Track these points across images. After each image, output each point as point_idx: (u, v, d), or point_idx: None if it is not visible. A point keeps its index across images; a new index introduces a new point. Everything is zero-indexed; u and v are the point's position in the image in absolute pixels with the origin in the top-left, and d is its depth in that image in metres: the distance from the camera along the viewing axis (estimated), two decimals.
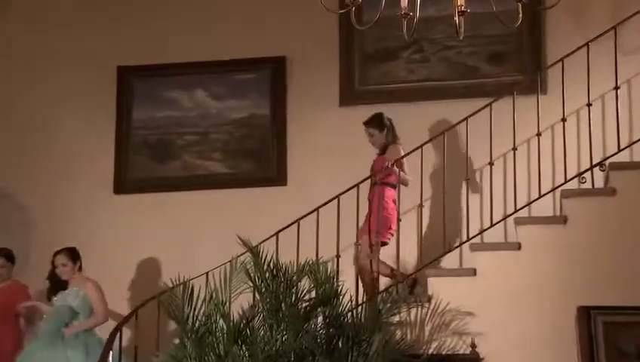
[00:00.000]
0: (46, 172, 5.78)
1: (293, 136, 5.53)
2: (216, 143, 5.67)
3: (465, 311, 4.42)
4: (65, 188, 5.74)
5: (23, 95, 5.84)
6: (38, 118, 5.83)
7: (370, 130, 4.80)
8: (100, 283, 5.41)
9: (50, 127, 5.82)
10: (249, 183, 5.54)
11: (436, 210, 5.00)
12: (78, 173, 5.75)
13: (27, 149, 5.80)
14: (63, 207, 5.71)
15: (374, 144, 4.80)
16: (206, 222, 5.51)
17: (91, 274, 5.49)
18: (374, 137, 4.75)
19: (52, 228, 5.66)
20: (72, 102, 5.79)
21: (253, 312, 3.97)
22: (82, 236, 5.62)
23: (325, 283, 4.03)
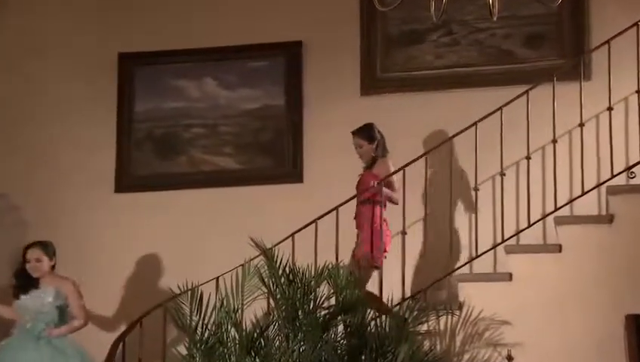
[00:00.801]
0: (41, 169, 5.82)
1: (310, 129, 5.54)
2: (226, 137, 5.69)
3: (500, 319, 4.43)
4: (61, 187, 5.78)
5: (14, 85, 5.88)
6: (32, 110, 5.88)
7: (358, 141, 4.80)
8: (100, 290, 5.46)
9: (45, 120, 5.86)
10: (262, 180, 5.55)
11: (460, 210, 4.99)
12: (75, 169, 5.79)
13: (20, 144, 5.85)
14: (60, 207, 5.76)
15: (362, 156, 4.82)
16: (215, 223, 5.54)
17: (91, 279, 5.54)
18: (362, 149, 4.76)
19: (48, 230, 5.65)
20: (68, 93, 5.84)
21: (267, 321, 3.98)
22: (80, 238, 5.69)
23: (346, 288, 4.03)
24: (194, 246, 5.50)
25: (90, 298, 5.49)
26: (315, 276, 4.01)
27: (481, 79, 5.32)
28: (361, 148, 4.79)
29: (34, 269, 4.67)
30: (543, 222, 4.81)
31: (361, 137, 4.78)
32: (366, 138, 4.78)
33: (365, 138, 4.78)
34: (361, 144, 4.78)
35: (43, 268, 4.66)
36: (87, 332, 5.37)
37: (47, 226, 5.70)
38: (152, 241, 5.59)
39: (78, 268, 5.61)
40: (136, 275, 5.61)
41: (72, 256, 5.64)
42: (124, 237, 5.66)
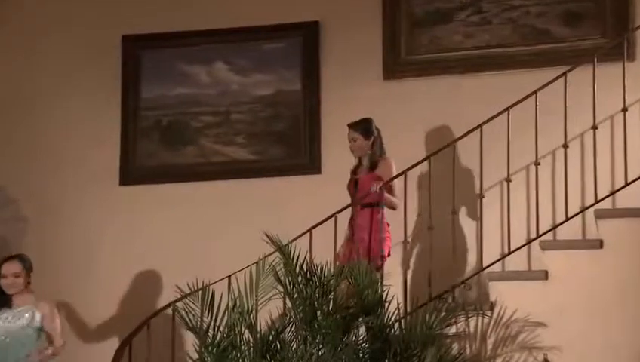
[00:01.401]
0: (40, 160, 5.84)
1: (328, 116, 5.53)
2: (239, 125, 5.69)
3: (535, 321, 4.41)
4: (62, 179, 5.80)
5: (11, 72, 5.90)
6: (30, 97, 5.90)
7: (354, 134, 4.79)
8: (104, 289, 5.50)
9: (44, 108, 5.88)
10: (277, 171, 5.55)
11: (491, 203, 4.97)
12: (76, 161, 5.81)
13: (18, 134, 5.87)
14: (60, 201, 5.78)
15: (354, 151, 4.81)
16: (227, 218, 5.54)
17: (93, 277, 5.60)
18: (356, 143, 4.75)
19: (47, 226, 5.75)
20: (69, 79, 5.85)
21: (283, 322, 4.01)
22: (82, 234, 5.72)
23: (368, 288, 4.05)
24: (204, 243, 5.51)
25: (93, 299, 5.56)
26: (334, 274, 4.04)
27: (514, 61, 5.28)
28: (354, 143, 4.79)
29: (10, 285, 4.48)
30: (581, 216, 4.78)
31: (358, 130, 4.78)
32: (362, 132, 4.77)
33: (362, 132, 4.77)
34: (355, 138, 4.78)
35: (20, 284, 4.50)
36: (93, 332, 5.43)
37: (47, 222, 5.75)
38: (160, 238, 5.60)
39: (79, 267, 5.69)
40: (143, 274, 5.61)
41: (73, 254, 5.71)
42: (130, 233, 5.67)
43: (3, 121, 5.85)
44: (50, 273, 5.65)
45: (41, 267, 5.59)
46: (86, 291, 5.63)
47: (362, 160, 4.82)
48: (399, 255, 4.74)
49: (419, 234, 4.87)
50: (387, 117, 5.39)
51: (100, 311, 5.58)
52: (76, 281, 5.66)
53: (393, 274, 4.58)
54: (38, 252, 5.66)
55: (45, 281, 5.60)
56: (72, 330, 5.46)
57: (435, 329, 3.97)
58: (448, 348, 4.08)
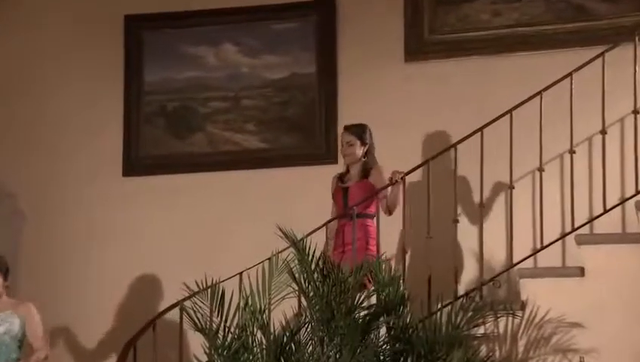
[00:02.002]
0: (38, 150, 5.86)
1: (345, 101, 5.53)
2: (249, 111, 5.69)
3: (570, 321, 4.40)
4: (61, 170, 5.82)
5: (6, 55, 5.91)
6: (26, 82, 5.91)
7: (350, 138, 4.82)
8: (107, 288, 5.52)
9: (41, 93, 5.89)
10: (291, 161, 5.55)
11: (521, 193, 4.93)
12: (77, 151, 5.82)
13: (14, 123, 5.89)
14: (59, 194, 5.80)
15: (347, 156, 4.82)
16: (237, 211, 5.55)
17: (96, 274, 5.61)
18: (352, 148, 4.79)
19: (45, 221, 5.78)
20: (67, 62, 5.86)
21: (298, 323, 4.01)
22: (83, 229, 5.74)
23: (389, 286, 4.05)
24: (213, 238, 5.52)
25: (94, 298, 5.59)
26: (353, 271, 4.03)
27: (548, 40, 5.24)
28: (349, 147, 4.81)
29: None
30: (621, 208, 4.75)
31: (355, 134, 4.81)
32: (359, 137, 4.80)
33: (359, 137, 4.80)
34: (352, 142, 4.80)
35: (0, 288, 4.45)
36: (94, 334, 5.46)
37: (46, 216, 5.77)
38: (166, 232, 5.62)
39: (80, 264, 5.71)
40: (148, 271, 5.63)
41: (74, 249, 5.73)
42: (133, 227, 5.68)
43: (0, 111, 5.87)
44: (49, 271, 5.70)
45: (39, 264, 5.64)
46: (87, 290, 5.65)
47: (351, 167, 4.84)
48: (420, 252, 4.72)
49: (443, 227, 4.85)
50: (409, 101, 5.41)
51: (101, 310, 5.60)
52: (76, 279, 5.68)
53: (415, 269, 4.59)
54: (35, 248, 5.72)
55: (43, 280, 5.65)
56: (71, 351, 5.52)
57: (462, 330, 3.95)
58: (476, 350, 4.08)
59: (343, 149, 4.83)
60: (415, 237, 4.84)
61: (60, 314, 5.60)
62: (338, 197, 4.81)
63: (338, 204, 4.80)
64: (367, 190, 4.74)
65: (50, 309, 5.56)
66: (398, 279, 4.10)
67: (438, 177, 4.89)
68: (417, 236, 4.82)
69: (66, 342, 5.59)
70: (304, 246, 4.07)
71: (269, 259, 4.12)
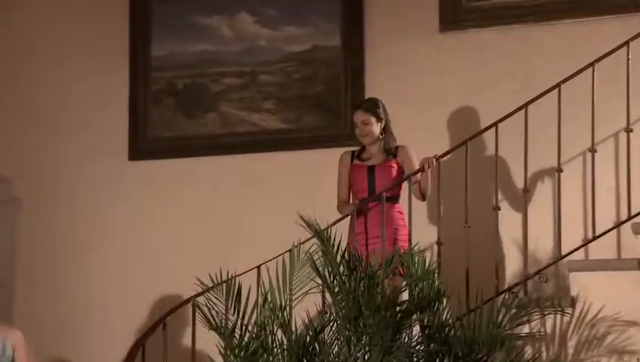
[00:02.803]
0: (35, 132, 5.89)
1: (373, 77, 5.51)
2: (268, 88, 5.69)
3: (626, 319, 4.36)
4: (60, 154, 5.85)
5: (2, 21, 5.92)
6: (23, 57, 5.93)
7: (365, 116, 4.78)
8: (111, 283, 5.53)
9: (40, 70, 5.91)
10: (313, 143, 5.55)
11: (570, 178, 4.89)
12: (78, 132, 5.85)
13: (9, 101, 5.91)
14: (58, 180, 5.83)
15: (365, 136, 4.78)
16: (255, 197, 5.56)
17: (99, 269, 5.62)
18: (369, 127, 4.75)
19: (43, 210, 5.82)
20: (68, 37, 5.88)
21: (323, 320, 4.00)
22: (85, 218, 5.77)
23: (423, 280, 4.04)
24: (229, 228, 5.54)
25: (96, 293, 5.62)
26: (383, 264, 4.02)
27: (600, 5, 5.17)
28: (365, 126, 4.77)
29: None
30: None
31: (370, 111, 4.78)
32: (374, 114, 4.77)
33: (374, 114, 4.77)
34: (367, 120, 4.76)
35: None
36: (98, 333, 5.48)
37: (43, 204, 5.81)
38: (176, 222, 5.64)
39: (81, 256, 5.76)
40: (157, 264, 5.65)
41: (75, 240, 5.77)
42: (140, 216, 5.71)
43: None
44: (47, 263, 5.75)
45: (36, 257, 5.67)
46: (88, 285, 5.70)
47: (369, 147, 4.80)
48: (457, 242, 4.70)
49: (482, 215, 4.84)
50: (444, 76, 5.39)
51: (105, 307, 5.64)
52: (77, 273, 5.72)
53: (451, 262, 4.56)
54: (31, 239, 5.75)
55: (41, 273, 5.68)
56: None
57: (504, 329, 3.91)
58: (520, 351, 4.04)
59: (359, 131, 4.81)
60: (451, 226, 4.83)
61: (60, 311, 5.65)
62: (359, 177, 4.77)
63: (360, 184, 4.77)
64: (397, 172, 4.72)
65: (49, 307, 5.63)
66: (432, 272, 4.08)
67: (477, 160, 4.86)
68: (454, 225, 4.80)
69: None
70: (328, 237, 4.05)
71: (289, 251, 4.12)
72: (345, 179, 4.81)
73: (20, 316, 5.68)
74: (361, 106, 4.84)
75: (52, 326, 5.65)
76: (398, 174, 4.73)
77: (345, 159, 4.85)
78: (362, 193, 4.74)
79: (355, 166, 4.80)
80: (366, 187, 4.73)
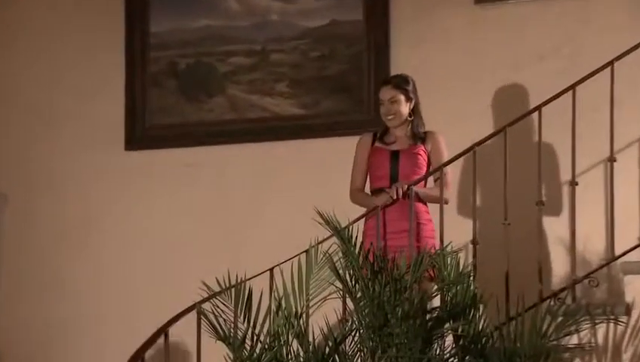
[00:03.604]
0: (20, 120, 5.89)
1: (400, 55, 5.49)
2: (281, 68, 5.67)
3: None
4: (49, 143, 5.86)
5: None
6: (8, 36, 5.94)
7: (394, 93, 4.69)
8: (105, 287, 5.52)
9: (26, 49, 5.92)
10: (332, 130, 5.54)
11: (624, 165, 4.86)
12: (66, 120, 5.85)
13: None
14: (46, 174, 5.84)
15: (393, 117, 4.70)
16: (267, 192, 5.57)
17: (93, 269, 5.63)
18: (396, 105, 4.68)
19: (30, 204, 5.82)
20: (58, 13, 5.88)
21: (344, 330, 4.00)
22: (76, 214, 5.77)
23: (456, 284, 4.03)
24: (238, 226, 5.54)
25: (92, 299, 5.63)
26: (411, 266, 4.01)
27: None
28: (393, 105, 4.70)
29: None
30: None
31: (399, 89, 4.71)
32: (404, 92, 4.70)
33: (403, 91, 4.70)
34: (396, 98, 4.70)
35: None
36: (91, 343, 5.47)
37: (31, 198, 5.81)
38: (179, 218, 5.64)
39: (73, 257, 5.77)
40: (157, 266, 5.66)
41: (66, 239, 5.78)
42: (139, 212, 5.71)
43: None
44: (33, 265, 5.76)
45: (23, 257, 5.68)
46: (80, 289, 5.70)
47: (394, 129, 4.75)
48: (495, 241, 4.66)
49: (524, 210, 4.80)
50: (480, 53, 5.36)
51: (100, 315, 5.64)
52: (68, 276, 5.73)
53: (488, 263, 4.52)
54: (17, 238, 5.76)
55: (28, 276, 5.69)
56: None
57: (549, 340, 3.92)
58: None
59: (384, 109, 4.74)
60: (488, 223, 4.82)
61: (48, 316, 5.65)
62: (380, 162, 4.72)
63: (379, 170, 4.71)
64: (424, 160, 4.68)
65: (36, 311, 5.64)
66: (467, 275, 4.07)
67: (518, 148, 4.82)
68: (491, 221, 4.78)
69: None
70: (350, 235, 4.06)
71: (306, 252, 4.13)
72: (363, 163, 4.76)
73: (5, 320, 5.70)
74: (389, 81, 4.78)
75: (40, 331, 5.67)
76: (424, 163, 4.70)
77: (365, 140, 4.80)
78: (381, 181, 4.69)
79: (376, 149, 4.75)
80: (387, 174, 4.69)
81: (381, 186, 4.65)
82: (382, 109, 4.74)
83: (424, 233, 4.60)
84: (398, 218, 4.57)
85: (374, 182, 4.71)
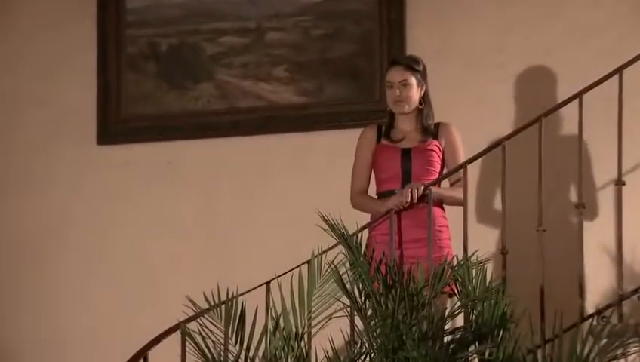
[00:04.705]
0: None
1: (417, 34, 5.51)
2: (278, 50, 5.69)
3: None
4: (10, 136, 5.87)
5: None
6: None
7: (404, 75, 4.68)
8: (74, 302, 5.49)
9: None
10: (338, 122, 5.55)
11: None
12: (29, 110, 5.87)
13: None
14: (7, 170, 5.85)
15: (403, 103, 4.68)
16: (263, 192, 5.57)
17: (58, 284, 5.60)
18: (408, 89, 4.67)
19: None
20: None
21: (352, 353, 3.99)
22: (40, 219, 5.78)
23: (483, 300, 4.04)
24: (229, 231, 5.55)
25: (61, 317, 5.60)
26: (430, 279, 4.01)
27: None
28: (404, 89, 4.68)
29: None
30: None
31: (411, 71, 4.69)
32: (417, 75, 4.69)
33: (417, 75, 4.69)
34: (408, 81, 4.68)
35: None
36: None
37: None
38: (160, 223, 5.65)
39: (37, 269, 5.76)
40: (135, 279, 5.66)
41: (30, 247, 5.79)
42: (113, 216, 5.72)
43: None
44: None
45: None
46: (44, 305, 5.71)
47: (401, 118, 4.73)
48: (528, 251, 4.63)
49: (561, 214, 4.82)
50: (508, 31, 5.37)
51: (66, 335, 5.63)
52: (29, 290, 5.73)
53: (521, 277, 4.50)
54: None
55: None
56: None
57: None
58: None
59: (393, 94, 4.71)
60: (519, 229, 4.78)
61: (5, 338, 5.61)
62: (390, 162, 4.70)
63: (390, 170, 4.69)
64: (439, 158, 4.68)
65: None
66: (495, 290, 4.06)
67: (553, 142, 4.80)
68: (523, 227, 4.76)
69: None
70: (359, 243, 4.06)
71: (308, 263, 4.12)
72: (366, 161, 4.75)
73: None
74: (400, 61, 4.75)
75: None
76: (439, 160, 4.69)
77: (369, 135, 4.78)
78: (392, 183, 4.67)
79: (383, 147, 4.73)
80: (397, 175, 4.67)
81: (390, 189, 4.64)
82: (390, 93, 4.71)
83: (444, 242, 4.59)
84: (411, 224, 4.57)
85: (382, 184, 4.70)
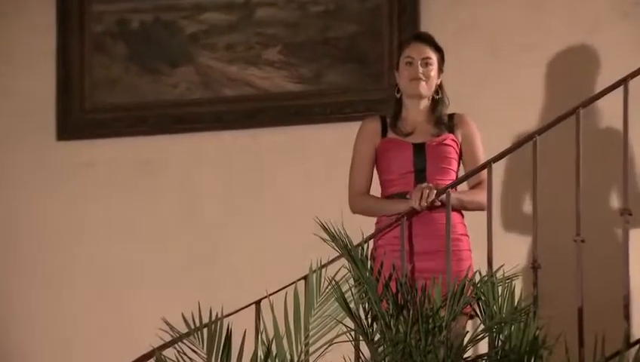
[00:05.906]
0: None
1: (432, 11, 5.56)
2: (270, 29, 5.71)
3: None
4: None
5: None
6: None
7: (429, 53, 4.71)
8: (35, 323, 5.52)
9: None
10: (340, 113, 5.60)
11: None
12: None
13: None
14: None
15: (422, 82, 4.66)
16: (252, 195, 5.60)
17: (14, 304, 5.60)
18: (430, 69, 4.70)
19: None
20: None
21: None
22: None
23: (511, 322, 4.06)
24: (212, 242, 5.57)
25: (18, 341, 5.59)
26: (448, 297, 4.04)
27: None
28: (427, 68, 4.68)
29: None
30: None
31: (437, 51, 4.72)
32: (440, 56, 4.72)
33: (440, 56, 4.72)
34: (432, 61, 4.70)
35: None
36: None
37: None
38: (132, 233, 5.68)
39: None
40: (102, 298, 5.68)
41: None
42: (77, 224, 5.75)
43: None
44: None
45: None
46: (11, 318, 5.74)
47: (411, 106, 4.71)
48: (563, 265, 4.63)
49: (602, 223, 4.86)
50: (540, 7, 5.40)
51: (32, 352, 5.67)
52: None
53: (555, 296, 4.51)
54: None
55: None
56: None
57: None
58: None
59: (413, 70, 4.69)
60: (553, 240, 4.84)
61: None
62: (400, 159, 4.68)
63: (400, 168, 4.67)
64: (456, 153, 4.68)
65: None
66: (525, 312, 4.09)
67: (591, 138, 4.82)
68: (557, 237, 4.81)
69: None
70: (364, 256, 4.08)
71: (305, 279, 4.15)
72: (368, 157, 4.72)
73: None
74: (424, 37, 4.75)
75: None
76: (456, 157, 4.70)
77: (372, 127, 4.73)
78: (402, 184, 4.66)
79: (390, 141, 4.71)
80: (411, 172, 4.67)
81: (401, 191, 4.63)
82: (408, 70, 4.69)
83: (462, 253, 4.59)
84: (424, 233, 4.58)
85: (389, 186, 4.69)
